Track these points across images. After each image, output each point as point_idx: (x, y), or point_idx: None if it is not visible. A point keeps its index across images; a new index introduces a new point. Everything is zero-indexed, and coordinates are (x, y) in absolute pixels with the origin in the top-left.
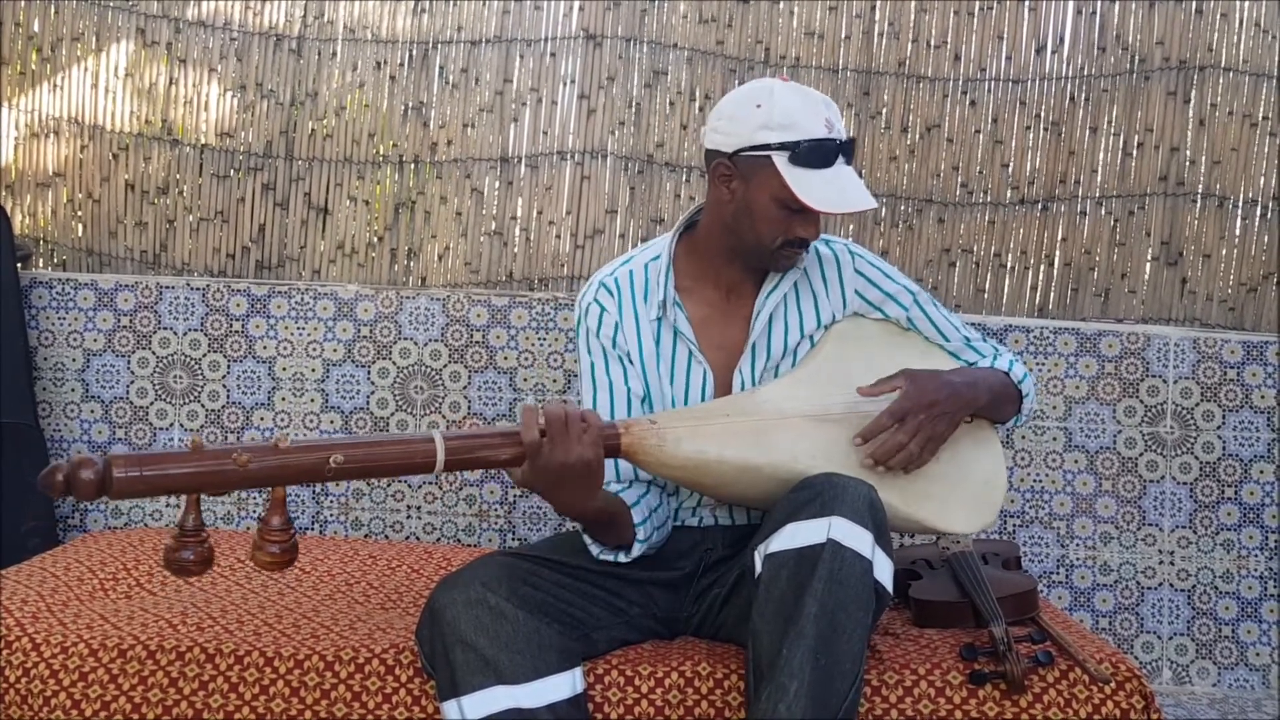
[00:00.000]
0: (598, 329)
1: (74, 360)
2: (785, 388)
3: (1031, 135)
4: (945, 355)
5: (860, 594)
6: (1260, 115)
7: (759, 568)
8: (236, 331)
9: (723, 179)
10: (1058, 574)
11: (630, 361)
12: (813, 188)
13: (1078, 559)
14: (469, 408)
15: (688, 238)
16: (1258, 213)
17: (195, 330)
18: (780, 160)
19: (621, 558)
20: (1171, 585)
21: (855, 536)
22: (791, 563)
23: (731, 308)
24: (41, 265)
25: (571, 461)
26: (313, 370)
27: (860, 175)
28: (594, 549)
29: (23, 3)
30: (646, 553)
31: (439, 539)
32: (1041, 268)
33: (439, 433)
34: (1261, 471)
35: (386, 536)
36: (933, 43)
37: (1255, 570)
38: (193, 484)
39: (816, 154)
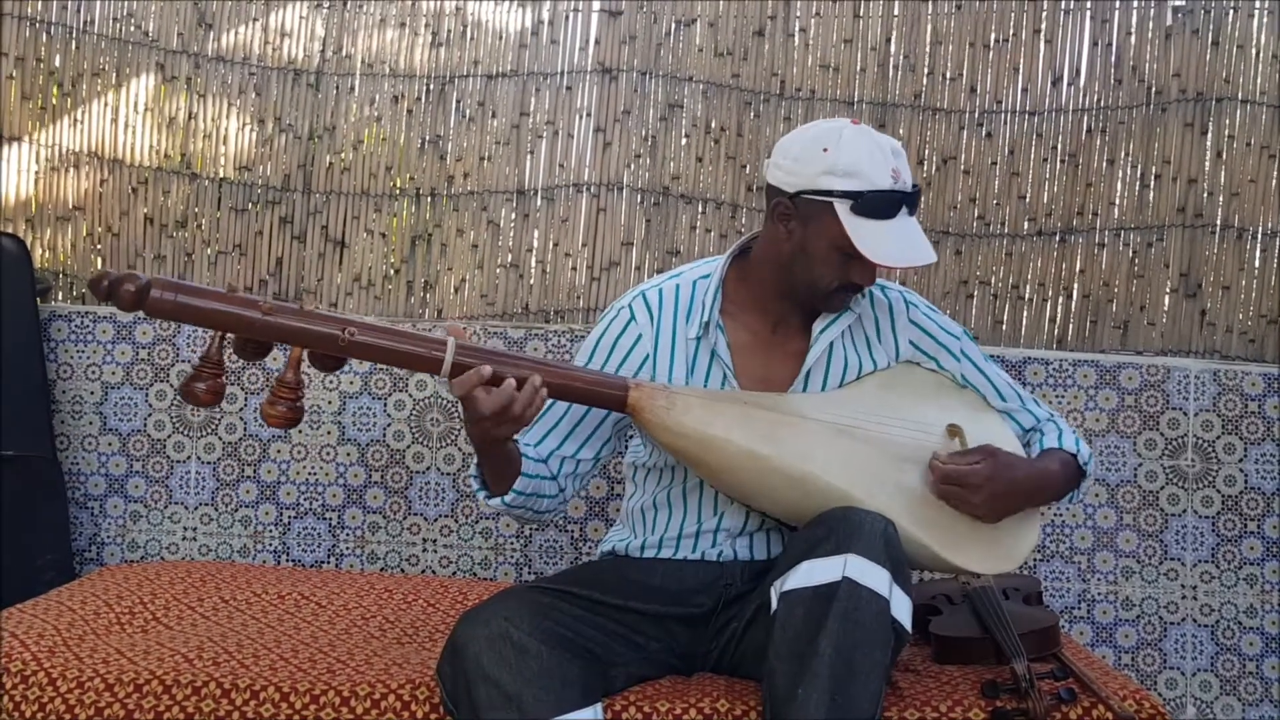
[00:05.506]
0: (618, 335)
1: (92, 393)
2: (813, 399)
3: (1048, 167)
4: (998, 418)
5: (877, 633)
6: (1277, 146)
7: (775, 604)
8: (254, 364)
9: (782, 218)
10: (1079, 609)
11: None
12: (873, 239)
13: (1099, 594)
14: None
15: (740, 263)
16: (1277, 244)
17: None
18: (842, 208)
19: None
20: (1195, 620)
21: (871, 574)
22: (807, 601)
23: (776, 340)
24: (61, 298)
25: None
26: (329, 403)
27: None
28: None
29: (44, 38)
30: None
31: (455, 572)
32: (1060, 299)
33: (453, 339)
34: None
35: (402, 570)
36: (948, 75)
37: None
38: (217, 319)
39: (880, 205)
